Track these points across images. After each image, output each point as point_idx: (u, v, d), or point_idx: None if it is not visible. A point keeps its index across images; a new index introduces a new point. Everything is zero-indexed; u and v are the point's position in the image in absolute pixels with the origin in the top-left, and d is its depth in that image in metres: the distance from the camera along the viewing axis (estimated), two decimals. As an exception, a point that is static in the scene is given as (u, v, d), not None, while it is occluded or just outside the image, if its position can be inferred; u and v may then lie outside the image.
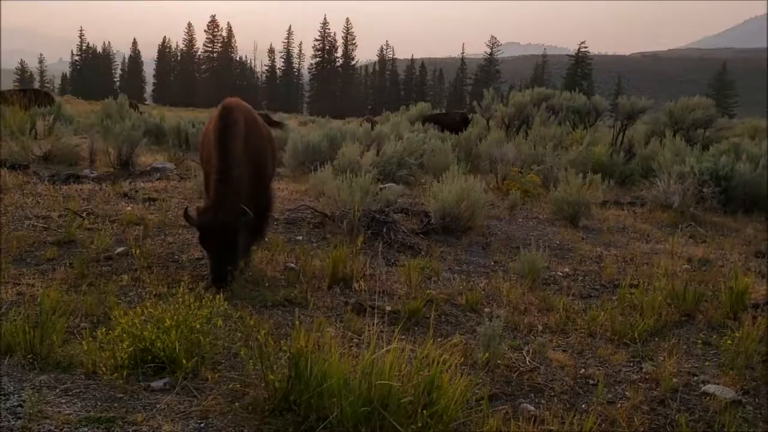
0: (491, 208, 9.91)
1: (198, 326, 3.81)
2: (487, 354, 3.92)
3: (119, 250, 6.35)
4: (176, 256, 6.45)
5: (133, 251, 6.11)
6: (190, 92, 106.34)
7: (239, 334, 4.24)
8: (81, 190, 9.63)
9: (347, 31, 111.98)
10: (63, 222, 7.52)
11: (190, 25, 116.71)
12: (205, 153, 5.75)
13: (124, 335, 3.66)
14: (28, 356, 3.77)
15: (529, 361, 4.31)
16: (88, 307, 4.69)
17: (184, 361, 3.64)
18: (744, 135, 22.39)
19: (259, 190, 5.90)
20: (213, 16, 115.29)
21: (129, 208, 8.31)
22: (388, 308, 5.04)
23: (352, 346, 4.34)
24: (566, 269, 7.02)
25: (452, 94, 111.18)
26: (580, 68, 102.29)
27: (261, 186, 6.02)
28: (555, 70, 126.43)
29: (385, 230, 7.71)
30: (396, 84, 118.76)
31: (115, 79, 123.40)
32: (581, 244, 8.23)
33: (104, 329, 3.81)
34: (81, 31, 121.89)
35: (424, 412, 3.01)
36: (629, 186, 15.04)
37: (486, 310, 5.36)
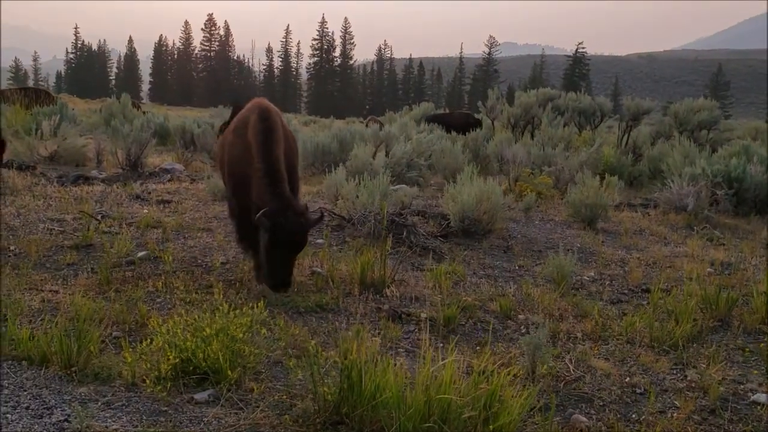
0: (506, 210, 9.80)
1: (240, 335, 3.71)
2: (546, 366, 3.82)
3: (141, 254, 6.24)
4: (199, 260, 6.35)
5: (160, 256, 6.02)
6: (187, 91, 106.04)
7: (281, 343, 4.13)
8: (92, 191, 9.51)
9: (345, 30, 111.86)
10: (78, 225, 7.40)
11: (186, 23, 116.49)
12: (236, 155, 5.47)
13: (167, 346, 3.55)
14: (66, 368, 3.66)
15: (573, 370, 4.22)
16: (117, 314, 4.57)
17: (229, 372, 3.53)
18: (746, 137, 22.39)
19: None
20: (210, 15, 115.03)
21: (145, 211, 8.20)
22: (423, 315, 4.95)
23: (392, 354, 4.25)
24: (591, 273, 6.94)
25: (450, 94, 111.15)
26: (578, 68, 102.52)
27: (293, 190, 5.90)
28: (552, 70, 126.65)
29: (405, 233, 7.62)
30: (394, 84, 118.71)
31: (111, 78, 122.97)
32: (602, 248, 8.15)
33: (149, 340, 3.68)
34: (76, 28, 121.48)
35: (488, 427, 2.91)
36: (638, 187, 15.00)
37: (520, 316, 5.27)
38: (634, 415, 3.71)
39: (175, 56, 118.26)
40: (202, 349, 3.61)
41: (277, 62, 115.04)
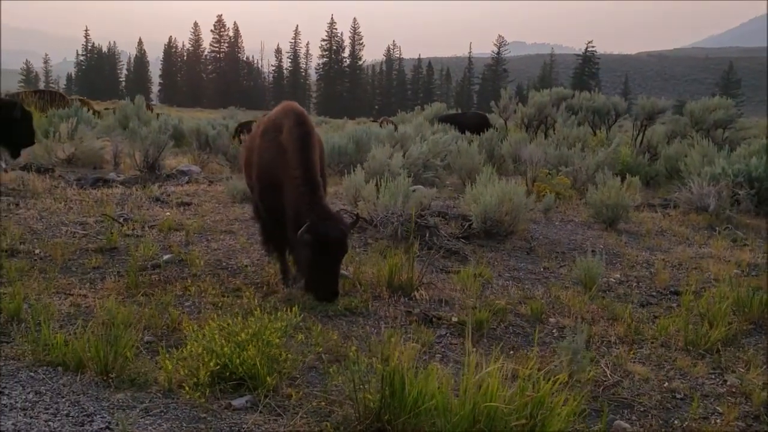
0: (528, 211, 9.73)
1: (276, 341, 3.68)
2: (590, 372, 3.76)
3: (166, 257, 6.22)
4: (224, 263, 6.32)
5: (185, 259, 6.01)
6: (197, 93, 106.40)
7: (318, 348, 4.09)
8: (111, 194, 9.51)
9: (354, 31, 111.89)
10: (101, 228, 7.39)
11: (196, 24, 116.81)
12: (267, 159, 5.33)
13: (204, 352, 3.51)
14: (102, 374, 3.64)
15: (609, 375, 4.16)
16: (148, 319, 4.55)
17: (268, 379, 3.50)
18: (761, 135, 22.19)
19: None
20: (219, 16, 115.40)
21: (167, 214, 8.19)
22: (454, 319, 4.90)
23: (426, 359, 4.21)
24: (617, 275, 6.87)
25: (459, 94, 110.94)
26: (588, 67, 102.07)
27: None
28: (561, 70, 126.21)
29: (427, 235, 7.58)
30: (403, 84, 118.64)
31: (121, 80, 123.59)
32: (626, 249, 8.07)
33: (186, 346, 3.65)
34: (86, 30, 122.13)
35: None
36: (655, 187, 14.88)
37: (551, 320, 5.22)
38: (676, 422, 3.65)
39: (185, 58, 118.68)
40: (238, 354, 3.57)
41: (286, 63, 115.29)
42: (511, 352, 4.52)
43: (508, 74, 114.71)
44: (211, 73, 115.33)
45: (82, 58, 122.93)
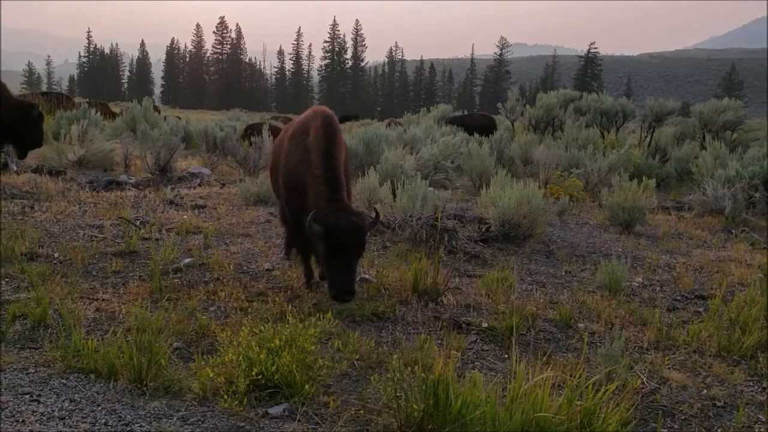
0: (546, 214, 9.68)
1: (312, 347, 3.62)
2: (640, 381, 3.70)
3: (186, 261, 6.16)
4: (244, 267, 6.26)
5: (205, 263, 5.97)
6: (199, 94, 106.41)
7: (354, 355, 4.02)
8: (124, 196, 9.46)
9: (357, 32, 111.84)
10: (118, 231, 7.35)
11: (198, 26, 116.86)
12: (293, 163, 5.24)
13: (241, 359, 3.46)
14: (135, 381, 3.58)
15: (646, 381, 4.10)
16: (175, 324, 4.49)
17: (306, 387, 3.44)
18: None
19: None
20: (222, 18, 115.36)
21: (185, 217, 8.13)
22: (484, 325, 4.84)
23: (460, 366, 4.15)
24: (639, 279, 6.80)
25: (462, 95, 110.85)
26: (590, 69, 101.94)
27: (348, 197, 5.69)
28: (564, 71, 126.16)
29: (446, 238, 7.52)
30: (405, 85, 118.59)
31: (123, 81, 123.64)
32: (645, 252, 8.01)
33: (223, 353, 3.58)
34: (89, 32, 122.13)
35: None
36: (666, 189, 14.81)
37: (580, 325, 5.15)
38: (719, 430, 3.59)
39: (187, 59, 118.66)
40: (274, 361, 3.51)
41: (288, 65, 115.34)
42: (544, 358, 4.44)
43: (510, 76, 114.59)
44: (213, 75, 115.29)
45: (84, 59, 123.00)
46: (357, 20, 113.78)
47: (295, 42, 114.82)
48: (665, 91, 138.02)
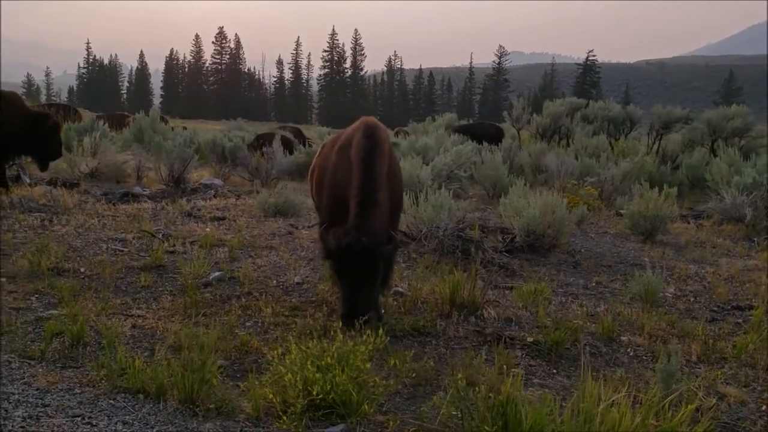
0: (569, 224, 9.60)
1: (366, 365, 3.53)
2: (677, 394, 3.61)
3: (215, 275, 6.07)
4: (274, 280, 6.18)
5: (236, 276, 5.89)
6: (198, 104, 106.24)
7: (412, 373, 3.92)
8: (142, 209, 9.37)
9: (356, 41, 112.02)
10: (141, 245, 7.26)
11: (197, 36, 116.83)
12: (340, 177, 4.92)
13: (296, 378, 3.36)
14: (186, 401, 3.48)
15: (702, 397, 4.00)
16: (216, 341, 4.38)
17: (365, 406, 3.34)
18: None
19: (391, 222, 4.98)
20: (221, 28, 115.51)
21: (207, 229, 8.05)
22: (530, 339, 4.75)
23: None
24: (672, 290, 6.72)
25: (461, 104, 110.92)
26: (589, 76, 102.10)
27: (393, 219, 5.14)
28: (562, 79, 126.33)
29: (473, 249, 7.43)
30: (405, 94, 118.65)
31: (122, 92, 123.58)
32: (672, 262, 7.93)
33: (288, 375, 3.46)
34: (88, 43, 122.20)
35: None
36: (679, 197, 14.68)
37: (623, 338, 5.06)
38: (785, 448, 3.50)
39: (186, 70, 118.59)
40: (329, 380, 3.42)
41: (287, 74, 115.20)
42: (594, 373, 4.35)
43: (509, 84, 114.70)
44: (212, 85, 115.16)
45: (83, 70, 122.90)
46: (356, 29, 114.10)
47: (294, 51, 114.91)
48: (664, 98, 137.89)
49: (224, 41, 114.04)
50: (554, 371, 4.39)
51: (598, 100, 24.05)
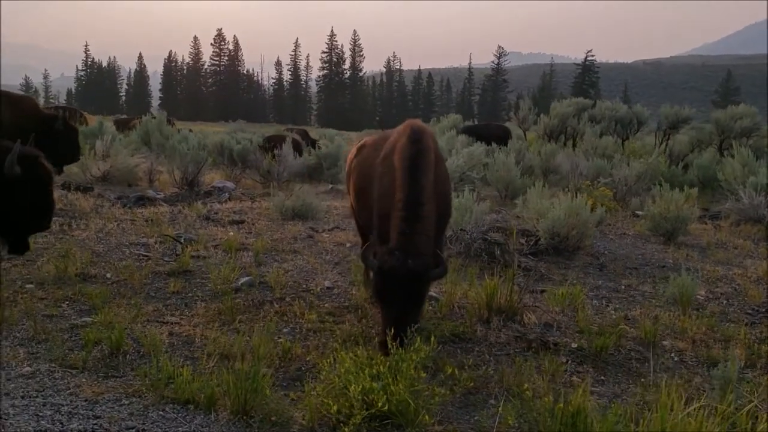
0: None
1: (422, 374, 3.45)
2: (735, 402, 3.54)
3: (244, 280, 5.99)
4: (303, 285, 6.10)
5: (266, 281, 5.82)
6: (197, 106, 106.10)
7: (469, 383, 3.84)
8: (159, 213, 9.28)
9: (354, 43, 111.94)
10: (164, 249, 7.18)
11: (196, 38, 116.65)
12: (386, 188, 4.46)
13: (359, 389, 3.28)
14: (238, 413, 3.40)
15: (758, 404, 3.93)
16: (257, 348, 4.29)
17: (426, 417, 3.26)
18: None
19: (437, 235, 4.53)
20: (219, 30, 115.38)
21: (230, 233, 7.96)
22: (574, 345, 4.68)
23: (559, 389, 3.97)
24: (702, 292, 6.64)
25: (460, 104, 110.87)
26: (588, 76, 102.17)
27: (440, 231, 4.68)
28: (560, 79, 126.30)
29: (498, 252, 7.36)
30: (404, 95, 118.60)
31: (121, 94, 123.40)
32: (698, 264, 7.85)
33: (351, 386, 3.37)
34: (86, 45, 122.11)
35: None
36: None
37: (664, 343, 4.99)
38: None
39: (185, 72, 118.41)
40: (387, 390, 3.34)
41: (286, 75, 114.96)
42: (642, 380, 4.29)
43: (508, 84, 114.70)
44: (211, 87, 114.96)
45: (82, 73, 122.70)
46: (354, 31, 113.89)
47: (293, 53, 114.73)
48: (662, 98, 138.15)
49: (223, 43, 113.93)
50: (602, 378, 4.32)
51: (596, 100, 23.97)
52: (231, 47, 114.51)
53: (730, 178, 12.84)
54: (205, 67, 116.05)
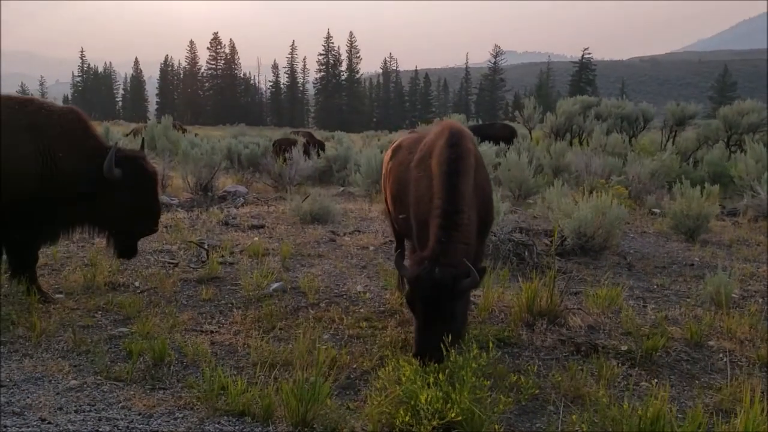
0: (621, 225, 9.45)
1: (486, 382, 3.37)
2: None
3: (275, 285, 5.90)
4: (335, 290, 6.02)
5: (299, 286, 5.74)
6: (194, 110, 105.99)
7: (534, 390, 3.74)
8: (176, 218, 9.19)
9: (351, 44, 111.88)
10: (189, 256, 7.10)
11: (192, 43, 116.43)
12: (423, 192, 4.30)
13: (430, 399, 3.19)
14: (297, 424, 3.32)
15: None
16: (300, 356, 4.19)
17: (495, 426, 3.18)
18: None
19: (478, 242, 4.38)
20: (215, 34, 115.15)
21: (255, 239, 7.87)
22: (623, 348, 4.60)
23: (615, 394, 3.89)
24: (736, 290, 6.55)
25: (457, 104, 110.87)
26: (585, 74, 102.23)
27: (480, 238, 4.49)
28: (557, 77, 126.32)
29: (526, 253, 7.29)
30: (401, 96, 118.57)
31: (118, 99, 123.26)
32: (725, 262, 7.77)
33: (423, 395, 3.28)
34: (82, 52, 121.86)
35: None
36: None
37: (711, 343, 4.91)
38: None
39: (181, 76, 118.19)
40: (451, 398, 3.26)
41: (283, 78, 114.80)
42: (696, 382, 4.21)
43: (505, 84, 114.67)
44: (207, 91, 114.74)
45: (78, 79, 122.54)
46: (351, 32, 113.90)
47: (290, 56, 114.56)
48: (658, 95, 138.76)
49: (219, 47, 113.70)
50: (655, 380, 4.23)
51: (600, 98, 23.94)
52: (227, 51, 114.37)
53: (744, 174, 12.79)
54: (202, 71, 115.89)
